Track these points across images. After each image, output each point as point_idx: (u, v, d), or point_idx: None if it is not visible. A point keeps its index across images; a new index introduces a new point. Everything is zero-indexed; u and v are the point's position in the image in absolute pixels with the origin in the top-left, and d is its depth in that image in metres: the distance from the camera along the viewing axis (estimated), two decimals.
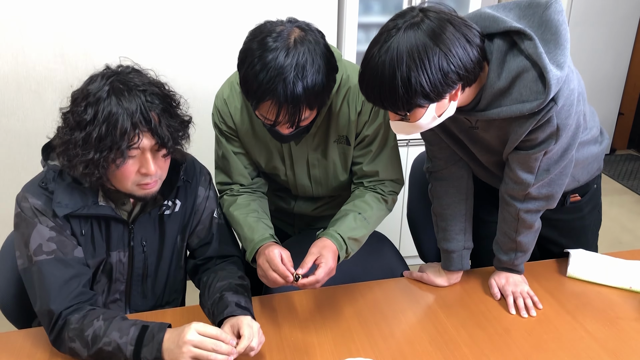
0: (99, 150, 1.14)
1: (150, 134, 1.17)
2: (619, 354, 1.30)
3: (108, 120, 1.12)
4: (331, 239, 1.36)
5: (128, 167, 1.19)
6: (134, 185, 1.23)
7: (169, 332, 1.16)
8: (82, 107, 1.14)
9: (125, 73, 1.18)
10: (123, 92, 1.14)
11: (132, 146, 1.15)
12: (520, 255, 1.47)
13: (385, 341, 1.34)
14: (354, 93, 1.39)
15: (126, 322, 1.20)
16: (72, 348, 1.20)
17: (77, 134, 1.14)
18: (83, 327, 1.19)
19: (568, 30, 1.15)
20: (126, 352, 1.16)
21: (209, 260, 1.46)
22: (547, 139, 1.23)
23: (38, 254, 1.23)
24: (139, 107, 1.14)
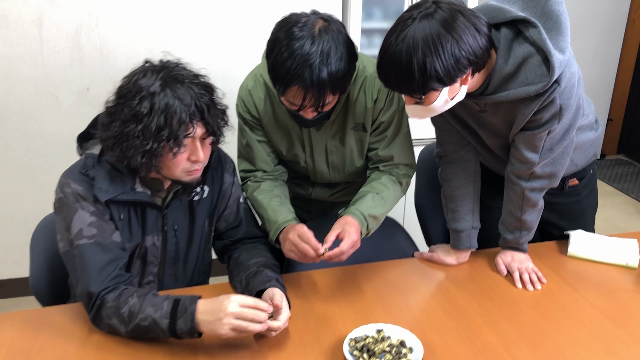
0: (157, 141, 1.21)
1: (202, 123, 1.26)
2: (619, 320, 1.40)
3: (166, 112, 1.20)
4: (353, 216, 1.46)
5: (181, 155, 1.27)
6: (182, 172, 1.31)
7: (201, 304, 1.23)
8: (137, 101, 1.20)
9: (172, 67, 1.26)
10: (176, 85, 1.22)
11: (188, 135, 1.24)
12: (525, 233, 1.58)
13: (401, 311, 1.43)
14: (369, 82, 1.50)
15: (159, 298, 1.27)
16: (110, 325, 1.27)
17: (132, 126, 1.21)
18: (119, 304, 1.26)
19: (568, 18, 1.27)
20: (162, 326, 1.23)
21: (239, 241, 1.55)
22: (551, 119, 1.35)
23: (79, 238, 1.30)
24: (192, 98, 1.22)
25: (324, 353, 1.27)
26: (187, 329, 1.22)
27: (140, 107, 1.20)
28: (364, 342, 1.26)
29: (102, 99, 2.48)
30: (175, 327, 1.22)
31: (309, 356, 1.26)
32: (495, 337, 1.33)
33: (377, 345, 1.25)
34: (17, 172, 2.52)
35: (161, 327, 1.23)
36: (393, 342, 1.27)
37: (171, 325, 1.23)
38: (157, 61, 1.29)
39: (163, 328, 1.23)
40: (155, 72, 1.24)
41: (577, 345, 1.31)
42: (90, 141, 1.41)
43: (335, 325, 1.37)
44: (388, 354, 1.23)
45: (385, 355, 1.22)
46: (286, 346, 1.29)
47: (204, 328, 1.21)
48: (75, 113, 2.48)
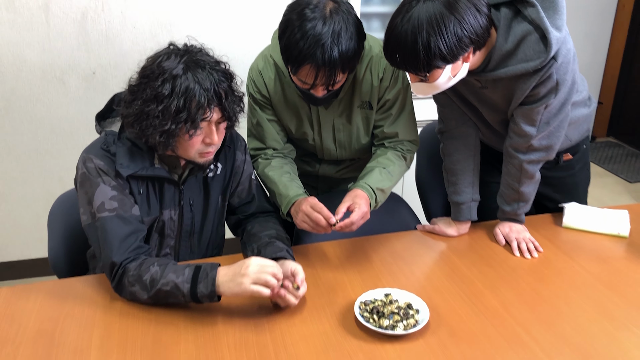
0: (175, 122, 1.28)
1: (219, 108, 1.32)
2: (611, 284, 1.49)
3: (186, 95, 1.26)
4: (362, 189, 1.54)
5: (196, 137, 1.33)
6: (196, 154, 1.38)
7: (222, 269, 1.31)
8: (160, 82, 1.26)
9: (195, 52, 1.32)
10: (197, 69, 1.28)
11: (205, 119, 1.30)
12: (523, 205, 1.66)
13: (407, 278, 1.52)
14: (375, 62, 1.57)
15: (180, 266, 1.35)
16: (132, 292, 1.34)
17: (153, 106, 1.27)
18: (141, 272, 1.33)
19: None
20: (183, 290, 1.30)
21: (252, 215, 1.63)
22: (548, 93, 1.43)
23: (101, 211, 1.37)
24: (212, 84, 1.28)
25: (335, 316, 1.35)
26: (207, 293, 1.29)
27: (162, 88, 1.26)
28: (374, 304, 1.34)
29: (108, 83, 2.56)
30: (197, 291, 1.30)
31: (322, 318, 1.34)
32: (495, 300, 1.42)
33: (386, 308, 1.33)
34: (25, 155, 2.57)
35: (182, 291, 1.30)
36: (400, 304, 1.35)
37: (192, 289, 1.30)
38: (181, 45, 1.35)
39: (184, 292, 1.30)
40: (179, 56, 1.29)
41: (572, 306, 1.40)
42: (108, 120, 1.48)
43: (346, 291, 1.45)
44: (396, 315, 1.31)
45: (394, 316, 1.31)
46: (301, 310, 1.37)
47: (224, 289, 1.29)
48: (82, 97, 2.53)
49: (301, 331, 1.30)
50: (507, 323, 1.33)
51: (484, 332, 1.30)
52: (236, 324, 1.32)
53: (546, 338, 1.28)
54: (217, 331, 1.29)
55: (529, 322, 1.34)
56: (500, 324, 1.33)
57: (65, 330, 1.30)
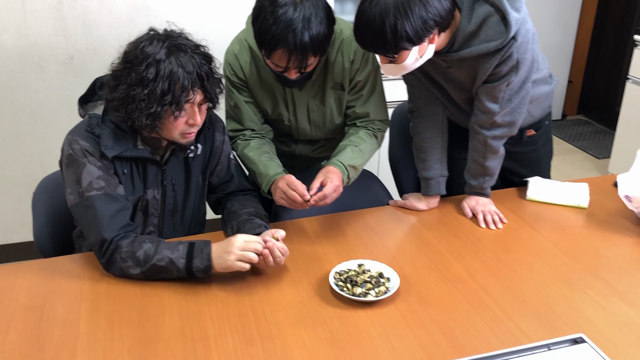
0: (161, 104, 1.34)
1: (201, 90, 1.38)
2: (570, 251, 1.59)
3: (170, 78, 1.32)
4: (335, 166, 1.61)
5: (180, 118, 1.39)
6: (179, 135, 1.44)
7: (214, 245, 1.39)
8: (144, 67, 1.32)
9: (176, 37, 1.37)
10: (179, 53, 1.34)
11: (188, 101, 1.36)
12: (488, 179, 1.76)
13: (379, 250, 1.60)
14: (346, 44, 1.64)
15: (173, 242, 1.42)
16: (123, 268, 1.41)
17: (139, 90, 1.33)
18: (134, 249, 1.40)
19: None
20: (179, 265, 1.38)
21: (231, 193, 1.70)
22: (509, 72, 1.52)
23: (89, 190, 1.42)
24: (194, 67, 1.34)
25: (312, 286, 1.44)
26: (202, 267, 1.38)
27: (147, 72, 1.32)
28: (347, 274, 1.43)
29: (87, 67, 2.59)
30: (192, 266, 1.38)
31: (300, 289, 1.43)
32: (462, 268, 1.52)
33: (359, 277, 1.42)
34: (5, 140, 2.60)
35: (178, 266, 1.38)
36: (372, 273, 1.44)
37: (187, 264, 1.38)
38: (161, 30, 1.40)
39: (180, 267, 1.38)
40: (161, 41, 1.35)
41: (533, 272, 1.50)
42: (90, 103, 1.53)
43: (321, 263, 1.53)
44: (368, 283, 1.40)
45: (366, 284, 1.39)
46: (280, 281, 1.46)
47: (214, 263, 1.37)
48: (61, 82, 2.56)
49: (280, 301, 1.38)
50: (471, 289, 1.43)
51: (450, 298, 1.39)
52: (218, 295, 1.39)
53: (508, 301, 1.38)
54: (199, 303, 1.37)
55: (492, 288, 1.43)
56: (466, 289, 1.43)
57: (54, 305, 1.36)
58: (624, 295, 1.40)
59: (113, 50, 2.55)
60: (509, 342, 1.24)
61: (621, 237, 1.66)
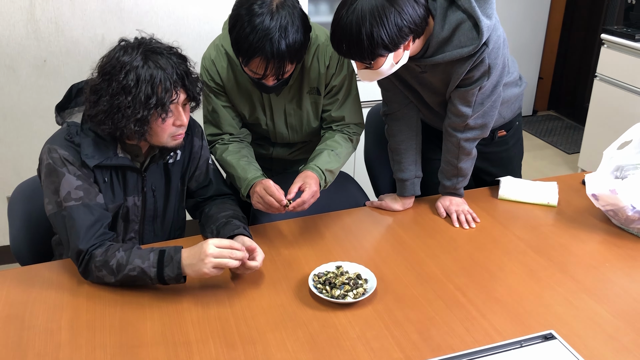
0: (147, 108, 1.35)
1: (183, 89, 1.40)
2: (540, 249, 1.65)
3: (152, 82, 1.33)
4: (312, 171, 1.64)
5: (168, 120, 1.40)
6: (169, 137, 1.44)
7: (185, 252, 1.40)
8: (123, 75, 1.33)
9: (148, 42, 1.39)
10: (156, 56, 1.35)
11: (173, 101, 1.38)
12: (461, 179, 1.81)
13: (357, 251, 1.64)
14: (322, 50, 1.67)
15: (144, 250, 1.42)
16: (99, 276, 1.42)
17: (122, 98, 1.34)
18: (107, 258, 1.40)
19: None
20: (150, 274, 1.39)
21: (209, 198, 1.71)
22: (481, 77, 1.57)
23: (67, 200, 1.42)
24: (173, 67, 1.36)
25: (291, 289, 1.46)
26: (174, 276, 1.39)
27: (127, 80, 1.33)
28: (326, 276, 1.46)
29: (60, 70, 2.57)
30: (163, 275, 1.39)
31: (279, 291, 1.45)
32: (436, 267, 1.56)
33: (337, 279, 1.45)
34: None
35: (149, 275, 1.39)
36: (350, 275, 1.47)
37: (159, 273, 1.39)
38: (132, 39, 1.41)
39: (151, 276, 1.39)
40: (135, 48, 1.36)
41: (505, 270, 1.55)
42: (67, 110, 1.53)
43: (300, 265, 1.56)
44: (347, 285, 1.43)
45: (345, 286, 1.43)
46: (259, 285, 1.48)
47: (188, 271, 1.38)
48: (33, 85, 2.53)
49: (260, 305, 1.41)
50: (446, 287, 1.47)
51: (425, 297, 1.44)
52: (199, 301, 1.41)
53: (480, 299, 1.43)
54: (180, 308, 1.39)
55: (465, 286, 1.48)
56: (440, 288, 1.47)
57: (35, 314, 1.37)
58: (591, 292, 1.46)
59: (86, 52, 2.57)
60: (482, 339, 1.29)
61: (589, 234, 1.73)
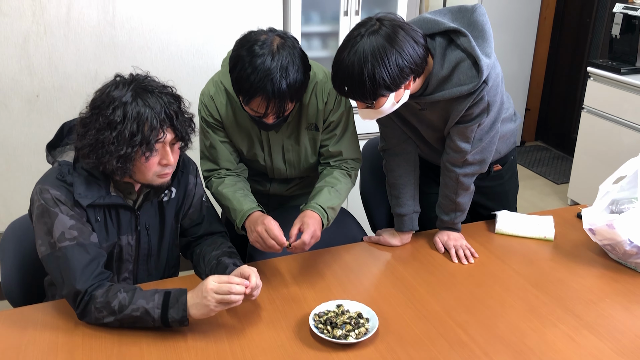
0: (131, 146, 1.33)
1: (171, 129, 1.38)
2: (539, 284, 1.65)
3: (138, 119, 1.32)
4: (314, 210, 1.63)
5: (153, 159, 1.39)
6: (154, 176, 1.43)
7: (190, 294, 1.38)
8: (111, 110, 1.33)
9: (141, 80, 1.39)
10: (146, 94, 1.35)
11: (159, 140, 1.36)
12: (459, 214, 1.81)
13: (356, 289, 1.62)
14: (320, 87, 1.68)
15: (148, 291, 1.40)
16: (98, 318, 1.39)
17: (107, 133, 1.33)
18: (108, 299, 1.38)
19: (490, 27, 1.51)
20: (154, 315, 1.36)
21: (200, 237, 1.69)
22: (481, 113, 1.59)
23: (62, 240, 1.39)
24: (162, 106, 1.35)
25: (292, 328, 1.44)
26: (178, 318, 1.36)
27: (114, 115, 1.33)
28: (327, 316, 1.44)
29: (52, 105, 2.56)
30: (167, 317, 1.36)
31: (279, 331, 1.43)
32: (437, 304, 1.55)
33: (338, 318, 1.43)
34: None
35: (153, 316, 1.36)
36: (352, 314, 1.45)
37: (163, 315, 1.36)
38: (127, 75, 1.41)
39: (155, 317, 1.37)
40: (127, 85, 1.36)
41: (505, 306, 1.54)
42: (58, 149, 1.51)
43: (299, 304, 1.54)
44: (348, 324, 1.41)
45: (346, 326, 1.41)
46: (258, 324, 1.46)
47: (193, 311, 1.36)
48: (25, 120, 2.52)
49: (260, 345, 1.38)
50: (448, 325, 1.46)
51: (427, 336, 1.42)
52: (197, 342, 1.38)
53: (483, 337, 1.42)
54: (178, 348, 1.36)
55: (467, 324, 1.47)
56: (442, 326, 1.46)
57: (29, 357, 1.33)
58: (593, 328, 1.45)
59: (79, 87, 2.57)
60: None
61: (586, 268, 1.73)
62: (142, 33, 2.56)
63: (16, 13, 2.35)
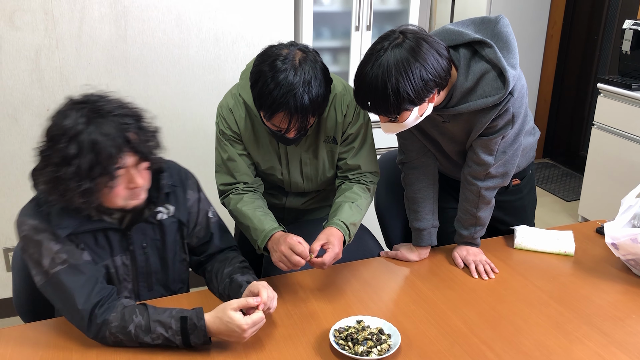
0: (92, 178, 1.25)
1: (131, 152, 1.29)
2: (562, 299, 1.61)
3: (94, 149, 1.23)
4: (337, 227, 1.60)
5: (118, 186, 1.31)
6: (125, 201, 1.35)
7: (209, 318, 1.33)
8: (64, 144, 1.23)
9: (93, 102, 1.28)
10: (98, 120, 1.24)
11: (119, 167, 1.27)
12: (479, 229, 1.77)
13: (375, 304, 1.58)
14: (339, 99, 1.65)
15: (163, 315, 1.35)
16: (117, 342, 1.35)
17: (64, 169, 1.23)
18: (124, 324, 1.34)
19: (515, 38, 1.49)
20: (175, 341, 1.34)
21: (211, 255, 1.64)
22: (505, 125, 1.56)
23: (53, 266, 1.35)
24: (118, 130, 1.25)
25: (311, 345, 1.40)
26: (200, 342, 1.34)
27: (69, 149, 1.23)
28: (347, 332, 1.40)
29: None
30: (190, 342, 1.34)
31: (299, 347, 1.39)
32: (459, 320, 1.51)
33: (359, 334, 1.39)
34: None
35: (175, 342, 1.34)
36: (373, 330, 1.42)
37: (184, 341, 1.34)
38: (79, 96, 1.31)
39: (177, 344, 1.34)
40: (79, 110, 1.26)
41: (530, 323, 1.50)
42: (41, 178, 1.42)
43: (318, 320, 1.50)
44: (370, 340, 1.37)
45: (368, 342, 1.37)
46: (278, 340, 1.42)
47: (215, 334, 1.34)
48: (36, 134, 2.44)
49: None
50: (472, 342, 1.42)
51: (452, 353, 1.38)
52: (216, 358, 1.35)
53: (509, 355, 1.38)
54: None
55: (491, 340, 1.43)
56: (466, 343, 1.42)
57: None
58: (622, 346, 1.41)
59: None
60: None
61: (610, 284, 1.69)
62: (154, 47, 2.55)
63: (29, 27, 2.35)
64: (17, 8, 2.31)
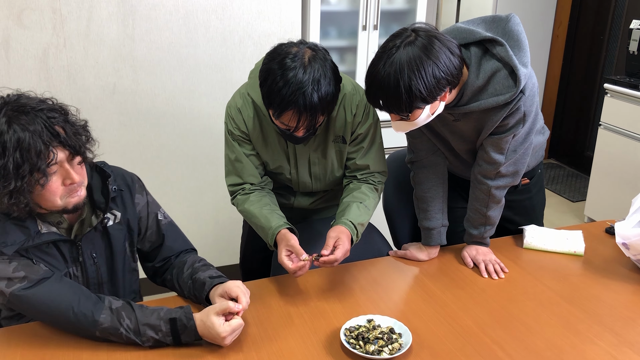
0: (20, 178, 1.19)
1: (62, 146, 1.23)
2: (573, 299, 1.60)
3: (20, 147, 1.17)
4: (345, 226, 1.60)
5: (52, 183, 1.25)
6: (63, 199, 1.30)
7: (198, 320, 1.34)
8: None
9: (13, 101, 1.23)
10: (21, 117, 1.19)
11: (51, 163, 1.22)
12: (489, 228, 1.77)
13: (385, 304, 1.58)
14: (348, 99, 1.65)
15: (151, 317, 1.35)
16: (112, 340, 1.36)
17: None
18: (115, 325, 1.33)
19: (526, 37, 1.48)
20: (166, 342, 1.35)
21: (167, 260, 1.60)
22: (517, 124, 1.55)
23: (11, 285, 1.30)
24: (43, 125, 1.20)
25: (322, 343, 1.40)
26: (191, 340, 1.36)
27: None
28: (358, 331, 1.40)
29: None
30: (181, 341, 1.35)
31: (309, 347, 1.39)
32: (470, 320, 1.50)
33: (370, 333, 1.39)
34: None
35: (166, 343, 1.36)
36: (383, 329, 1.41)
37: (175, 341, 1.35)
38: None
39: (168, 343, 1.36)
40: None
41: (541, 323, 1.49)
42: None
43: (329, 319, 1.50)
44: (380, 339, 1.37)
45: (379, 341, 1.36)
46: (288, 339, 1.41)
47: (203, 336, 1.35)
48: None
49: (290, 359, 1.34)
50: (483, 342, 1.41)
51: (463, 352, 1.37)
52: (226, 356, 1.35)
53: (520, 354, 1.37)
54: None
55: (503, 340, 1.42)
56: (477, 342, 1.41)
57: None
58: (634, 345, 1.41)
59: (97, 101, 2.55)
60: None
61: (621, 284, 1.68)
62: (161, 47, 2.55)
63: (37, 26, 2.34)
64: (25, 7, 2.31)
